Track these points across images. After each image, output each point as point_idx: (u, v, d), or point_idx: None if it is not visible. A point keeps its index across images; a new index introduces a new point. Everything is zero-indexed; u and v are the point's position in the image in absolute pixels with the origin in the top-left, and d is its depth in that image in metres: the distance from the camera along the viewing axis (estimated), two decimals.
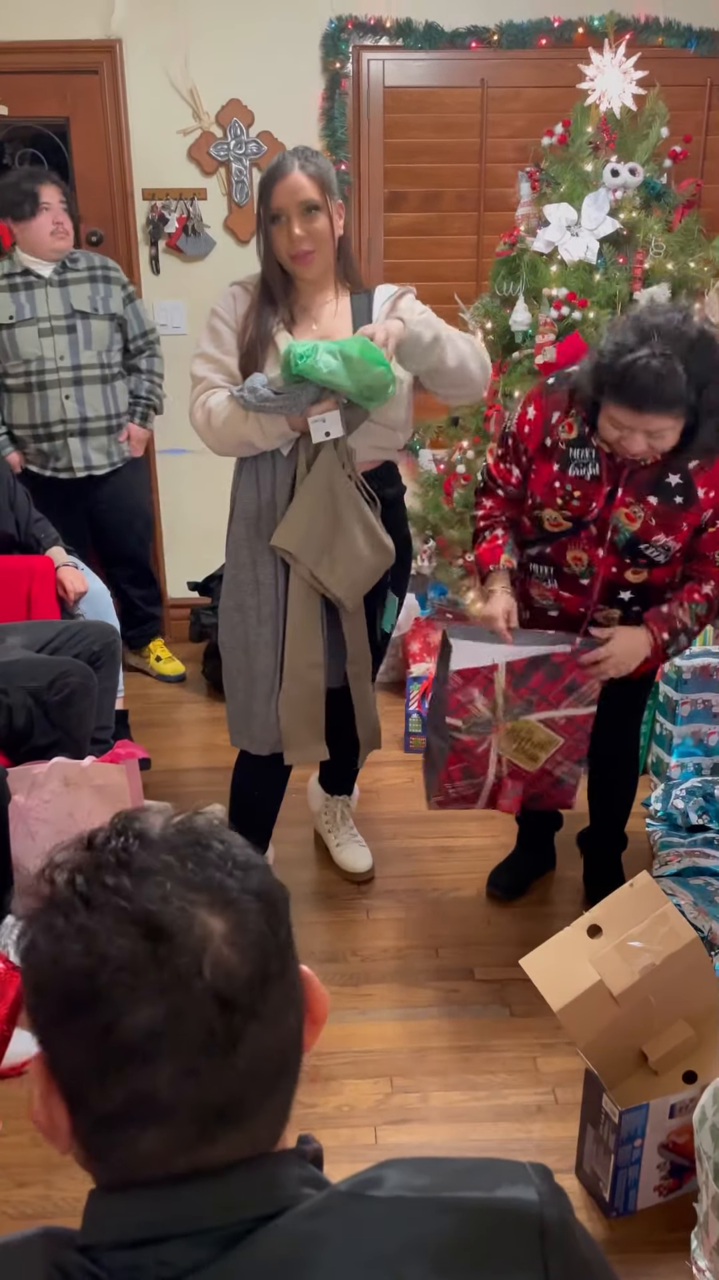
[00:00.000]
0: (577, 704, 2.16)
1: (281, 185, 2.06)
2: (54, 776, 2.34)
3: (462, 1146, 1.90)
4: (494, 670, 2.15)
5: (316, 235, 2.09)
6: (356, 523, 2.16)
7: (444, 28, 3.67)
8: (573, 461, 2.05)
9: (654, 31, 3.67)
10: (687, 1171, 1.78)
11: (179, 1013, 0.61)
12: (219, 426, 2.13)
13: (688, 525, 2.05)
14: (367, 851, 2.72)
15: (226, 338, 2.17)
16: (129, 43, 3.65)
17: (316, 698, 2.28)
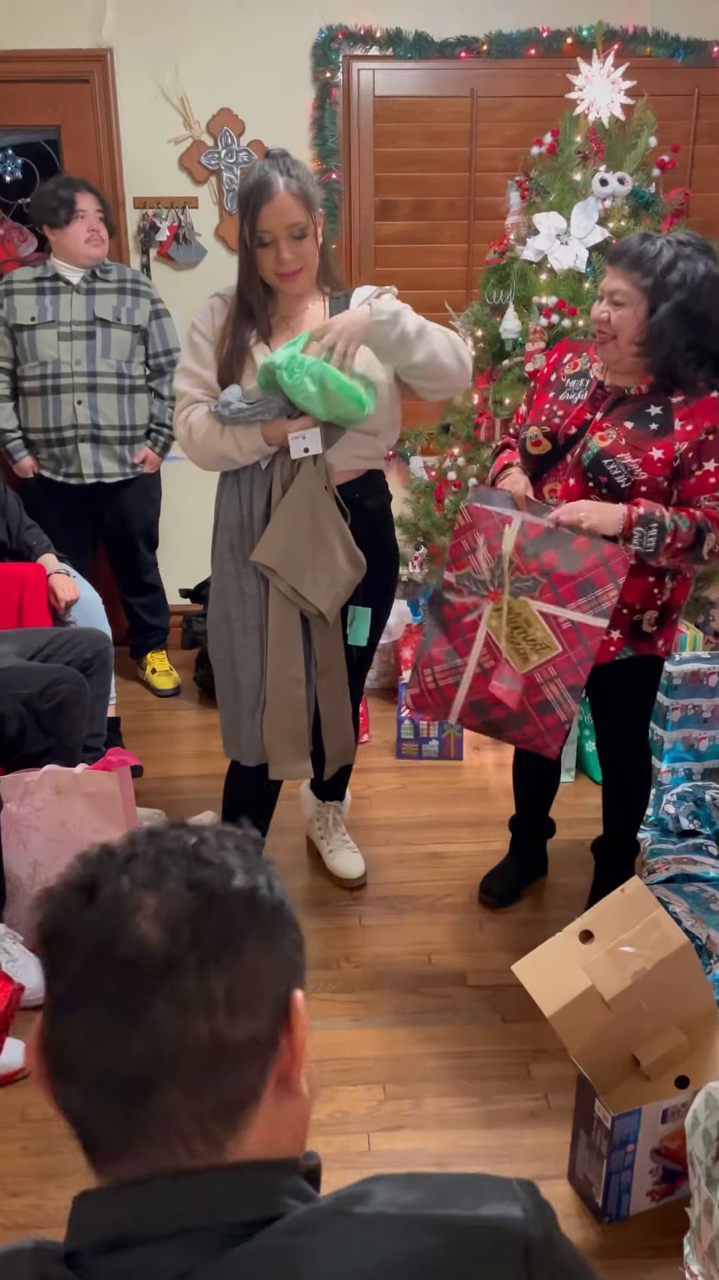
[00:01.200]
0: (588, 609, 2.03)
1: (269, 209, 2.04)
2: (46, 784, 2.34)
3: (454, 1153, 1.90)
4: (507, 522, 2.09)
5: (304, 256, 2.09)
6: (336, 537, 2.17)
7: (434, 38, 3.69)
8: (566, 389, 2.21)
9: (642, 41, 3.70)
10: (679, 1176, 1.78)
11: (97, 969, 0.66)
12: (199, 442, 2.15)
13: (658, 454, 2.05)
14: (359, 858, 2.72)
15: (205, 351, 2.18)
16: (120, 52, 3.66)
17: (299, 714, 2.26)
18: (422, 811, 3.05)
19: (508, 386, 3.33)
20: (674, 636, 2.31)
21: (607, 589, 2.02)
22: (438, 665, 2.20)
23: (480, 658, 2.16)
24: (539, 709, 2.13)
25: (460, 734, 3.37)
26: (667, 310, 2.01)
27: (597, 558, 2.02)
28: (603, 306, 2.08)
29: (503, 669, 2.14)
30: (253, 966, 0.69)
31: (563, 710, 2.11)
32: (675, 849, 2.64)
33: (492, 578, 2.12)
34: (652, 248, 2.03)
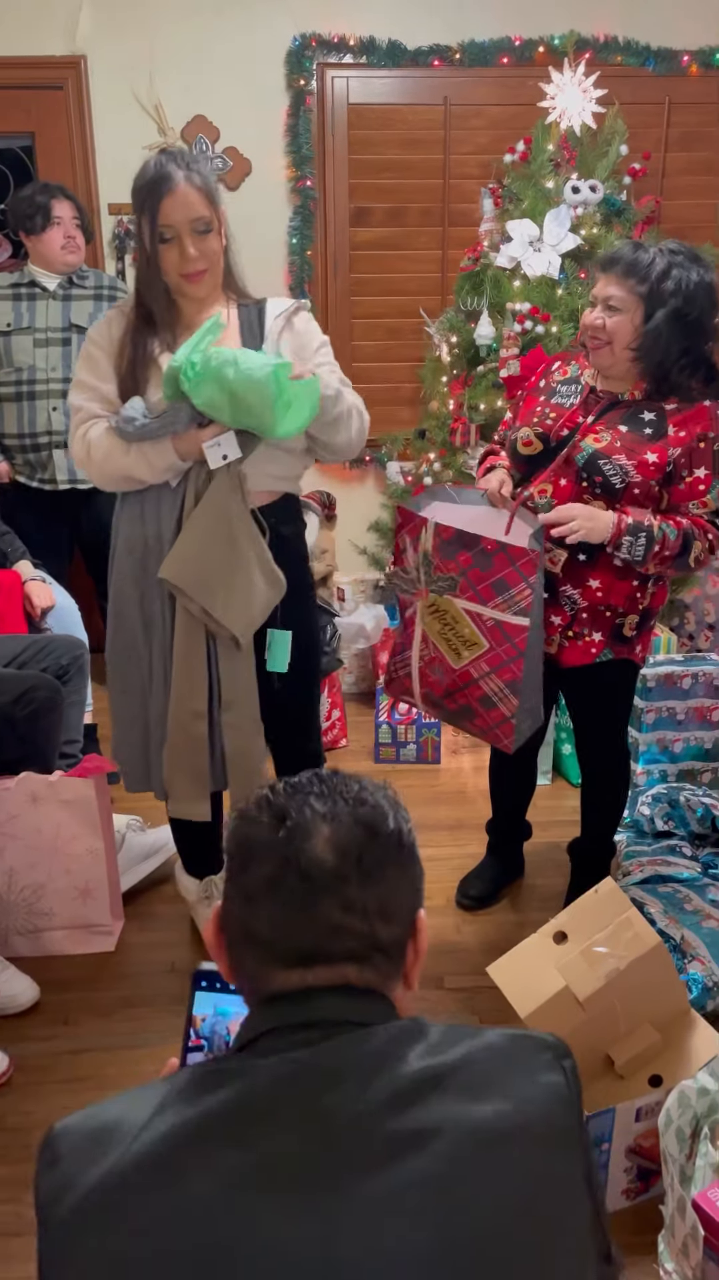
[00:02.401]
0: (506, 608, 2.04)
1: (170, 202, 1.88)
2: (21, 792, 2.33)
3: None
4: (423, 525, 2.10)
5: (210, 254, 1.95)
6: (252, 553, 2.01)
7: (407, 46, 3.71)
8: (557, 393, 2.22)
9: (613, 50, 3.73)
10: (653, 1175, 1.80)
11: (279, 875, 0.90)
12: (100, 461, 1.98)
13: (653, 458, 2.07)
14: None
15: (102, 364, 2.02)
16: (94, 59, 3.67)
17: (200, 751, 2.11)
18: None
19: (482, 392, 3.35)
20: (649, 642, 2.34)
21: (520, 589, 2.03)
22: (396, 656, 2.29)
23: (420, 651, 2.22)
24: (482, 703, 2.16)
25: (438, 738, 3.38)
26: (663, 316, 2.03)
27: (504, 558, 2.03)
28: (597, 313, 2.09)
29: (434, 663, 2.20)
30: (395, 886, 0.93)
31: (504, 705, 2.12)
32: (650, 850, 2.66)
33: (418, 576, 2.15)
34: (645, 256, 2.05)
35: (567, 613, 2.22)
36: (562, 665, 2.26)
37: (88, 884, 2.39)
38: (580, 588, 2.18)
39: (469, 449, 3.43)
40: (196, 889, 2.45)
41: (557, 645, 2.25)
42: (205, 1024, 1.11)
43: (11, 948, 2.39)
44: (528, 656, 2.08)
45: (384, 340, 3.99)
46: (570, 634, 2.23)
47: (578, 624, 2.22)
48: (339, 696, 3.50)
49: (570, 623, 2.22)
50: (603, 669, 2.26)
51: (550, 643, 2.25)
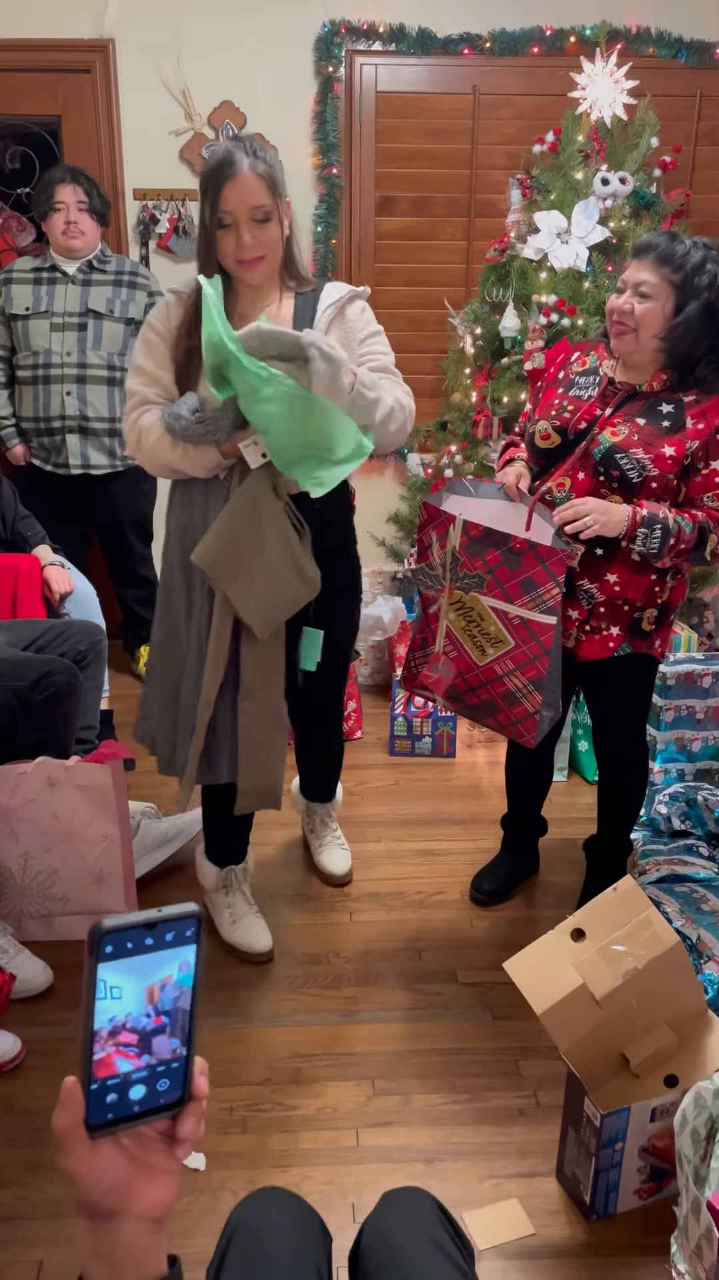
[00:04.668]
0: (533, 606, 2.04)
1: (231, 187, 1.89)
2: (38, 776, 2.33)
3: (443, 1150, 1.90)
4: (452, 521, 2.09)
5: (267, 243, 1.95)
6: (280, 548, 1.99)
7: (437, 34, 3.68)
8: (576, 385, 2.20)
9: (645, 42, 3.69)
10: (667, 1175, 1.79)
11: None
12: (149, 449, 2.00)
13: (670, 451, 2.06)
14: (346, 855, 2.71)
15: (160, 350, 2.02)
16: (121, 42, 3.65)
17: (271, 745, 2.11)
18: (414, 808, 3.06)
19: (506, 384, 3.33)
20: (669, 638, 2.31)
21: (548, 587, 2.02)
22: (416, 652, 2.27)
23: (444, 648, 2.21)
24: (505, 700, 2.16)
25: (454, 731, 3.37)
26: (695, 309, 2.02)
27: (533, 557, 2.02)
28: (626, 298, 2.08)
29: (437, 660, 2.21)
30: None
31: (529, 702, 2.12)
32: (667, 850, 2.64)
33: (444, 573, 2.15)
34: (681, 246, 2.04)
35: (584, 607, 2.20)
36: (579, 659, 2.25)
37: (102, 870, 2.39)
38: (598, 582, 2.17)
39: (491, 442, 3.41)
40: (215, 877, 2.45)
41: (574, 639, 2.23)
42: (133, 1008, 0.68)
43: (25, 931, 2.39)
44: (552, 654, 2.08)
45: (407, 331, 3.96)
46: (588, 628, 2.21)
47: (595, 618, 2.20)
48: (355, 688, 3.49)
49: (588, 617, 2.20)
50: (621, 663, 2.25)
51: (568, 637, 2.24)
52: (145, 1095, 0.70)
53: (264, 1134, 1.93)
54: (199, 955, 0.70)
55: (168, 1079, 0.71)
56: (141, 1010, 0.68)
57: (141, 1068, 0.69)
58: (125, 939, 0.67)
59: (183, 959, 0.69)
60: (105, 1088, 0.69)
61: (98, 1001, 0.67)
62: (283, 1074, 2.07)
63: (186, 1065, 0.71)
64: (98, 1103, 0.69)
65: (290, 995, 2.28)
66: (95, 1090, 0.68)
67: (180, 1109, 0.72)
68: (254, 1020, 2.20)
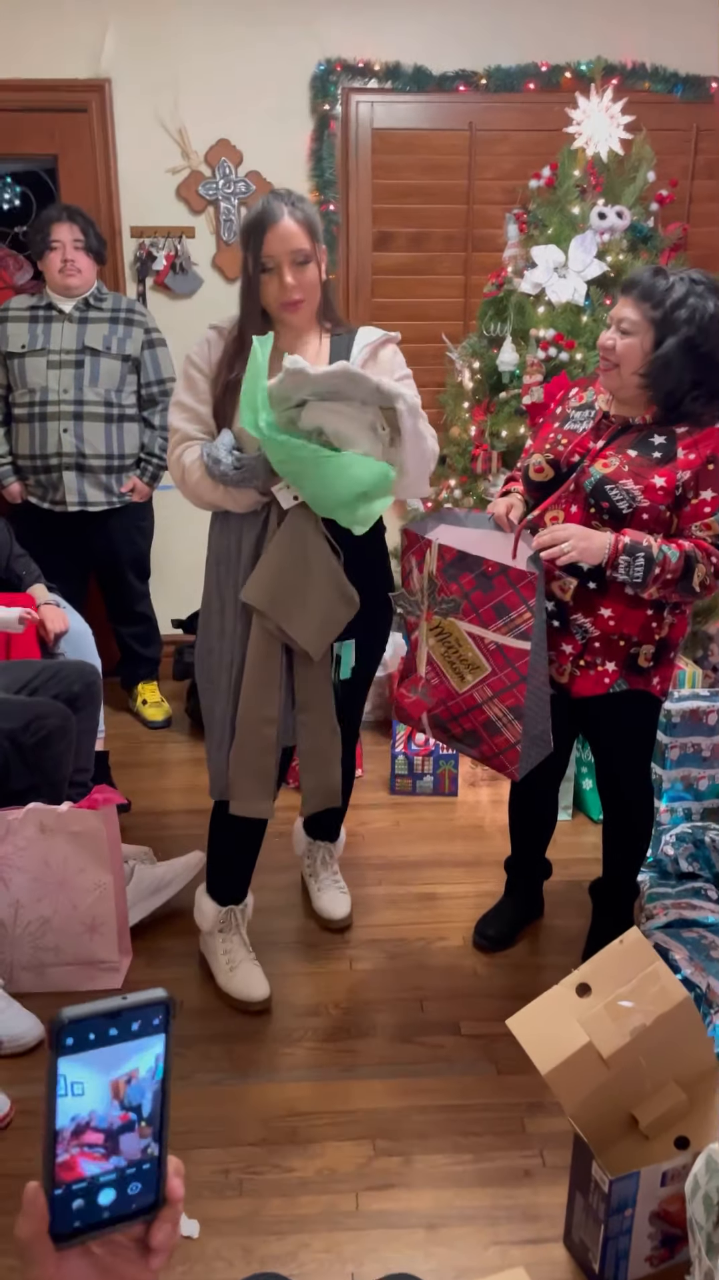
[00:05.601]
0: (506, 631, 2.02)
1: (274, 233, 2.01)
2: (29, 822, 2.28)
3: (446, 1214, 1.83)
4: (428, 546, 2.11)
5: (307, 285, 2.05)
6: (327, 577, 2.09)
7: (432, 71, 3.70)
8: (571, 419, 2.21)
9: (641, 77, 3.70)
10: (679, 1241, 1.72)
11: None
12: (193, 486, 2.09)
13: (660, 482, 2.02)
14: (346, 899, 2.65)
15: (201, 386, 2.12)
16: (118, 82, 3.66)
17: (268, 753, 2.18)
18: (415, 850, 2.99)
19: (505, 419, 3.30)
20: (671, 675, 2.27)
21: (520, 612, 2.00)
22: (404, 679, 2.26)
23: (427, 674, 2.19)
24: (487, 729, 2.13)
25: (456, 770, 3.31)
26: (673, 345, 2.00)
27: (504, 580, 2.01)
28: (610, 334, 2.08)
29: (417, 683, 2.20)
30: None
31: (509, 731, 2.09)
32: (674, 892, 2.58)
33: (423, 598, 2.15)
34: (663, 282, 2.03)
35: (578, 642, 2.16)
36: (573, 696, 2.20)
37: (95, 919, 2.33)
38: (592, 616, 2.12)
39: (490, 476, 3.37)
40: (214, 917, 2.38)
41: (568, 675, 2.19)
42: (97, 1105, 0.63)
43: (16, 983, 2.32)
44: (530, 681, 2.03)
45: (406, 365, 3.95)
46: (582, 663, 2.17)
47: (590, 653, 2.16)
48: None
49: (582, 652, 2.16)
50: (619, 700, 2.20)
51: (562, 672, 2.19)
52: (115, 1200, 0.65)
53: (260, 1198, 1.86)
54: (168, 1045, 0.65)
55: (139, 1181, 0.66)
56: (107, 1107, 0.63)
57: (110, 1170, 0.64)
58: (87, 1030, 0.62)
59: (151, 1050, 0.64)
60: (71, 1193, 0.63)
61: (59, 1099, 0.62)
62: (279, 1133, 2.00)
63: (159, 1166, 0.66)
64: (63, 1209, 0.64)
65: (287, 1049, 2.21)
66: (60, 1196, 0.63)
67: (154, 1214, 0.66)
68: (249, 1076, 2.14)
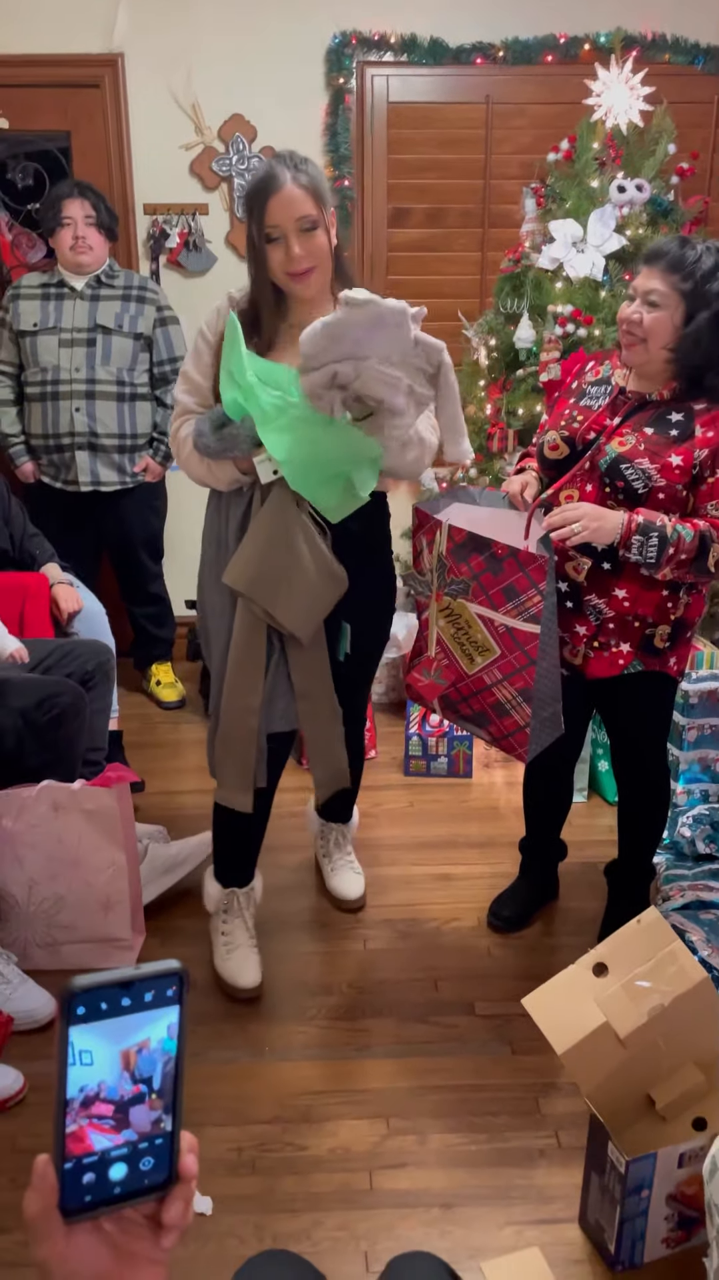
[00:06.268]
0: (516, 614, 1.99)
1: (276, 201, 1.90)
2: (43, 800, 2.27)
3: (460, 1193, 1.82)
4: (438, 527, 2.08)
5: (316, 253, 1.95)
6: (312, 557, 2.01)
7: (449, 44, 3.64)
8: (587, 395, 2.16)
9: (661, 48, 3.64)
10: (696, 1223, 1.70)
11: None
12: (184, 460, 2.05)
13: (677, 460, 1.99)
14: (359, 879, 2.64)
15: (205, 358, 2.04)
16: (131, 57, 3.62)
17: (250, 743, 2.12)
18: (429, 831, 2.98)
19: (521, 397, 3.26)
20: (688, 655, 2.24)
21: (530, 595, 1.97)
22: (414, 659, 2.23)
23: (436, 655, 2.17)
24: (495, 710, 2.11)
25: (470, 751, 3.29)
26: (705, 319, 1.95)
27: (514, 563, 1.97)
28: (635, 306, 2.01)
29: (429, 665, 2.18)
30: None
31: (518, 714, 2.07)
32: (691, 874, 2.56)
33: (432, 578, 2.11)
34: (692, 253, 1.97)
35: (592, 623, 2.13)
36: (588, 677, 2.17)
37: (109, 897, 2.32)
38: (606, 597, 2.10)
39: (506, 454, 3.34)
40: (217, 898, 2.37)
41: (582, 656, 2.16)
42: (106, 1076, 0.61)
43: (31, 960, 2.32)
44: (539, 664, 2.01)
45: None
46: (596, 644, 2.14)
47: (604, 634, 2.13)
48: (369, 706, 3.42)
49: (596, 633, 2.13)
50: (634, 681, 2.17)
51: (576, 654, 2.17)
52: (127, 1175, 0.63)
53: (274, 1176, 1.86)
54: (182, 1018, 0.63)
55: (152, 1157, 0.64)
56: (117, 1078, 0.62)
57: (121, 1144, 0.63)
58: (99, 999, 0.60)
59: (164, 1021, 0.62)
60: (81, 1166, 0.62)
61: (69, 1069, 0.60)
62: (293, 1112, 1.99)
63: (172, 1142, 0.64)
64: (74, 1184, 0.62)
65: (301, 1027, 2.21)
66: (70, 1169, 0.62)
67: (167, 1191, 0.65)
68: (263, 1054, 2.13)
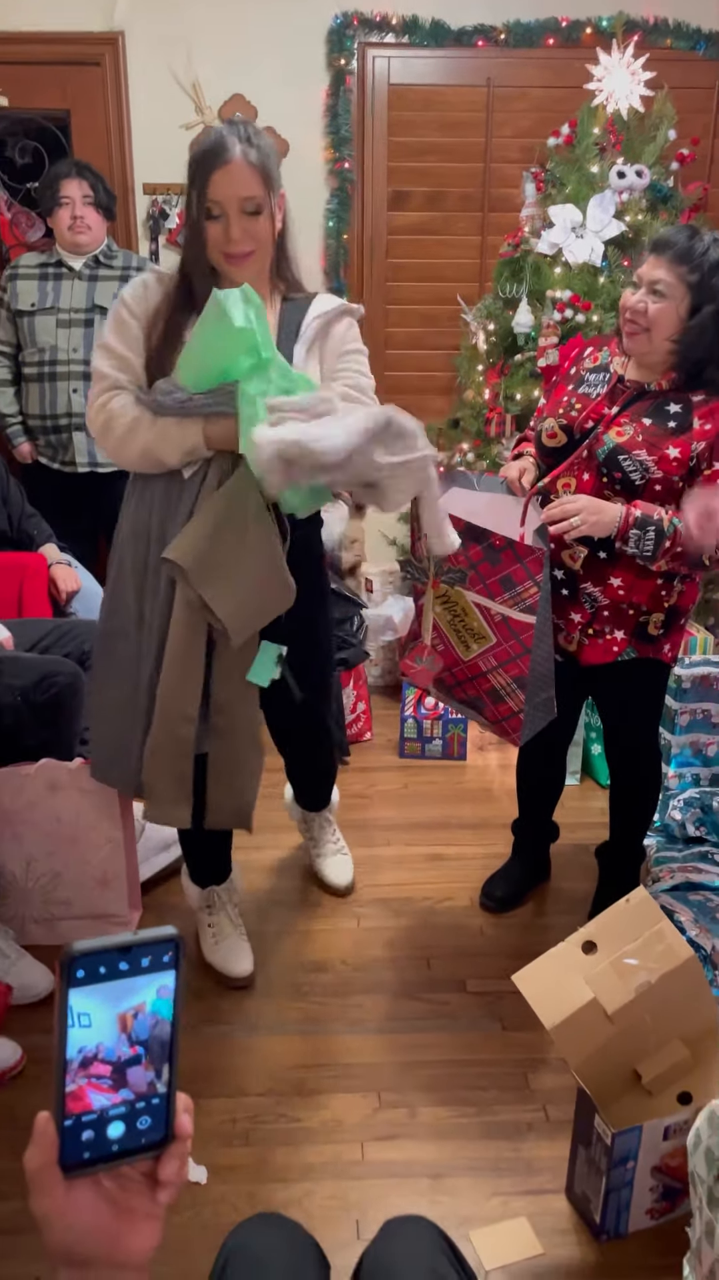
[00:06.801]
0: (513, 604, 2.00)
1: (221, 175, 1.76)
2: (41, 778, 2.30)
3: (450, 1164, 1.86)
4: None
5: (257, 236, 1.82)
6: (265, 551, 1.85)
7: (450, 26, 3.63)
8: (585, 382, 2.16)
9: (663, 33, 3.64)
10: (680, 1194, 1.74)
11: None
12: (121, 434, 1.86)
13: (674, 452, 2.01)
14: (348, 862, 2.65)
15: (133, 331, 1.88)
16: (131, 35, 3.61)
17: (185, 756, 1.94)
18: (423, 812, 3.01)
19: (519, 381, 3.28)
20: (680, 642, 2.26)
21: (526, 586, 1.98)
22: (410, 643, 2.25)
23: (432, 640, 2.19)
24: (490, 696, 2.13)
25: (464, 734, 3.32)
26: (711, 311, 1.96)
27: (511, 554, 1.98)
28: (641, 295, 2.02)
29: (422, 652, 2.19)
30: None
31: (513, 700, 2.09)
32: (681, 856, 2.59)
33: (430, 565, 2.11)
34: (700, 244, 1.97)
35: (587, 610, 2.15)
36: (582, 664, 2.20)
37: (105, 873, 2.35)
38: (602, 585, 2.12)
39: (504, 439, 3.35)
40: (198, 897, 2.39)
41: (576, 643, 2.19)
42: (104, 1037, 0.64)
43: (28, 935, 2.35)
44: (535, 653, 2.04)
45: (419, 327, 3.92)
46: (591, 631, 2.16)
47: (599, 621, 2.15)
48: (365, 689, 3.44)
49: (591, 620, 2.16)
50: (628, 668, 2.20)
51: (570, 640, 2.19)
52: (125, 1134, 0.66)
53: (267, 1147, 1.89)
54: (179, 982, 0.65)
55: (149, 1116, 0.66)
56: (114, 1040, 0.64)
57: (119, 1103, 0.65)
58: (98, 963, 0.63)
59: (160, 985, 0.65)
60: (80, 1124, 0.64)
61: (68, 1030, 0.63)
62: (286, 1085, 2.03)
63: (168, 1102, 0.67)
64: (73, 1140, 0.64)
65: (295, 1003, 2.24)
66: (70, 1127, 0.64)
67: (163, 1149, 0.67)
68: (258, 1029, 2.17)
